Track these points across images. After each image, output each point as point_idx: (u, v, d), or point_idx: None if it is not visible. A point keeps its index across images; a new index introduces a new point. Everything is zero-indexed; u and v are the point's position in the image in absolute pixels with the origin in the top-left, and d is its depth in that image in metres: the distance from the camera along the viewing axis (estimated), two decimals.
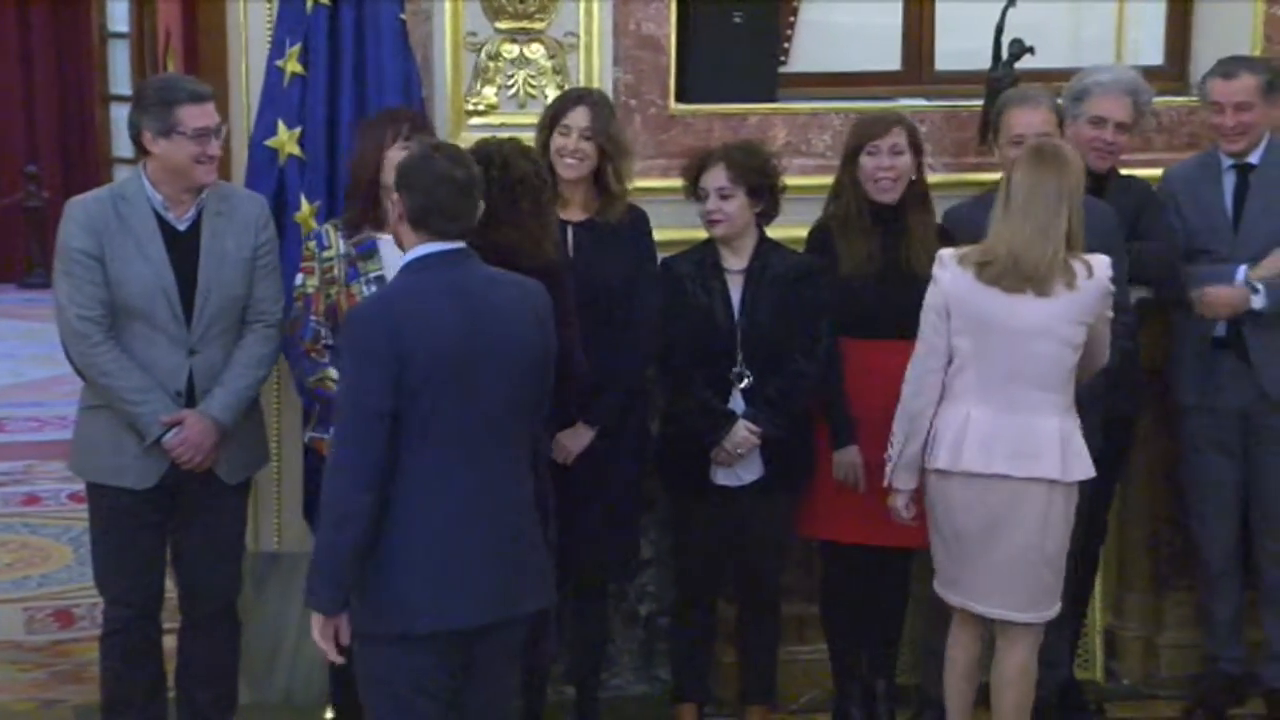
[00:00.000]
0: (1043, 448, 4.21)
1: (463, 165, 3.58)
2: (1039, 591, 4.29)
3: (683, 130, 5.09)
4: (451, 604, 3.47)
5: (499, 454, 3.52)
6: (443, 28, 4.98)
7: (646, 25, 5.07)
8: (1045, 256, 4.14)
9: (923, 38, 5.49)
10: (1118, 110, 4.80)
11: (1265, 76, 4.84)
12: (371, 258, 4.37)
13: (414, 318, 3.45)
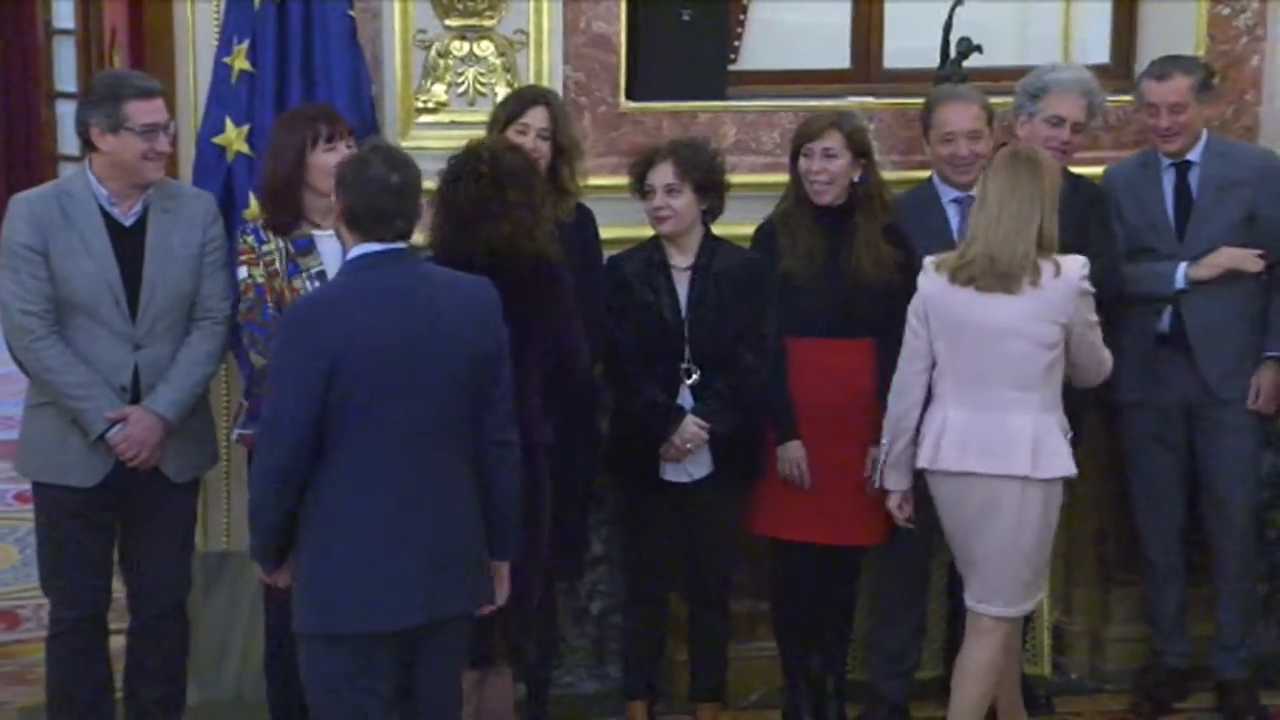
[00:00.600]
0: (1014, 445, 4.25)
1: (398, 168, 3.56)
2: (1015, 587, 4.33)
3: (633, 128, 5.06)
4: (373, 606, 3.45)
5: (433, 455, 3.50)
6: (391, 25, 4.94)
7: (596, 23, 5.04)
8: (1018, 257, 4.20)
9: (871, 36, 5.48)
10: (1075, 111, 4.79)
11: (1198, 76, 4.84)
12: (310, 254, 4.32)
13: (346, 318, 3.44)
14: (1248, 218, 4.85)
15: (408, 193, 3.56)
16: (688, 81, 5.16)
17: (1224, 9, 5.22)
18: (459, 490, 3.58)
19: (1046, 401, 4.28)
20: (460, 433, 3.56)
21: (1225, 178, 4.88)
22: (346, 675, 3.48)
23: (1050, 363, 4.26)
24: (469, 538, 3.60)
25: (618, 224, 4.74)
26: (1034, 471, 4.24)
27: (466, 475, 3.59)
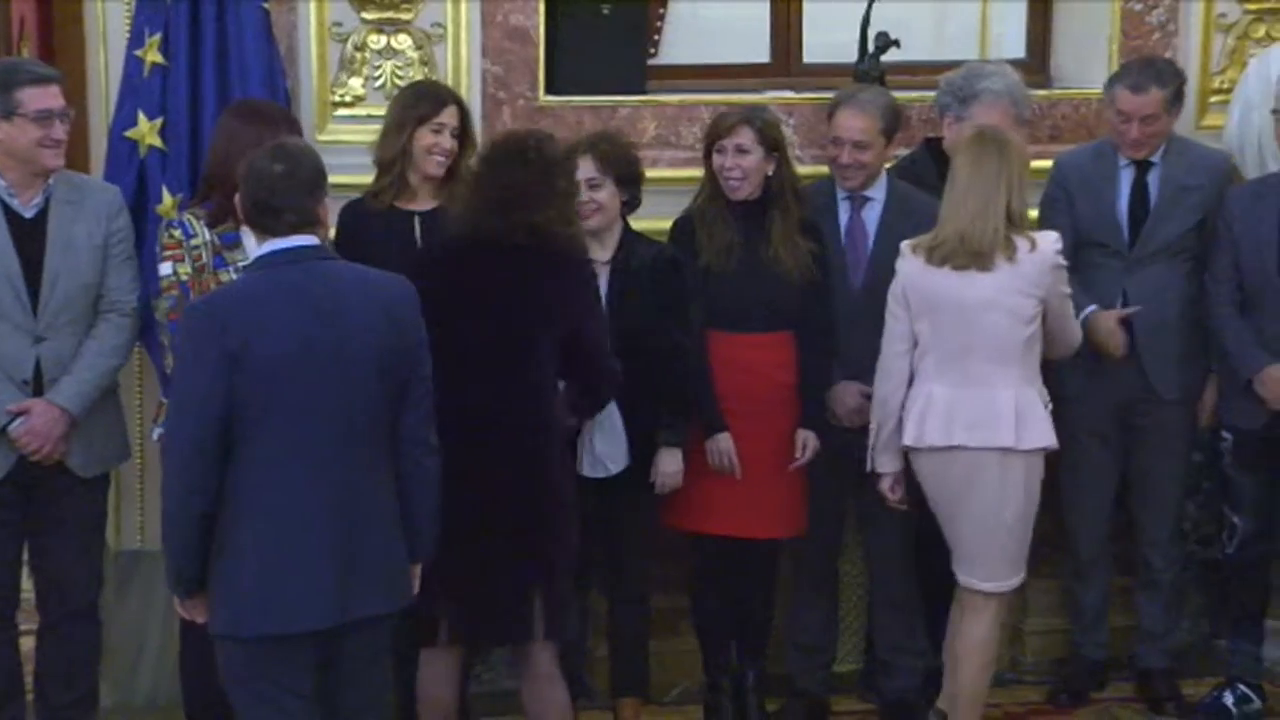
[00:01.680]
0: (998, 418, 4.30)
1: (284, 160, 3.48)
2: (1000, 561, 4.37)
3: (553, 122, 4.97)
4: (283, 608, 3.37)
5: (342, 454, 3.42)
6: (307, 17, 4.88)
7: (515, 17, 4.98)
8: (987, 233, 4.26)
9: (791, 30, 5.44)
10: (1005, 120, 4.72)
11: (1171, 88, 4.78)
12: (236, 248, 4.25)
13: (246, 317, 3.37)
14: (1199, 221, 4.82)
15: (294, 185, 3.45)
16: (607, 75, 5.12)
17: (1136, 5, 5.21)
18: (374, 490, 3.49)
19: (1026, 374, 4.33)
20: (375, 432, 3.48)
21: (1183, 181, 4.85)
22: (263, 675, 3.42)
23: (1029, 336, 4.31)
24: (385, 538, 3.51)
25: None
26: (1018, 443, 4.29)
27: (383, 475, 3.51)
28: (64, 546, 4.27)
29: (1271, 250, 4.65)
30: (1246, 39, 5.29)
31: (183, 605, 3.54)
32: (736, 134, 4.54)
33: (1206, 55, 5.26)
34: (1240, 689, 4.89)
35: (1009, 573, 4.39)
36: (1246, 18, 5.28)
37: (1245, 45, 5.28)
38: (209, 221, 4.28)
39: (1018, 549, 4.38)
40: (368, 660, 3.57)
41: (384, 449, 3.51)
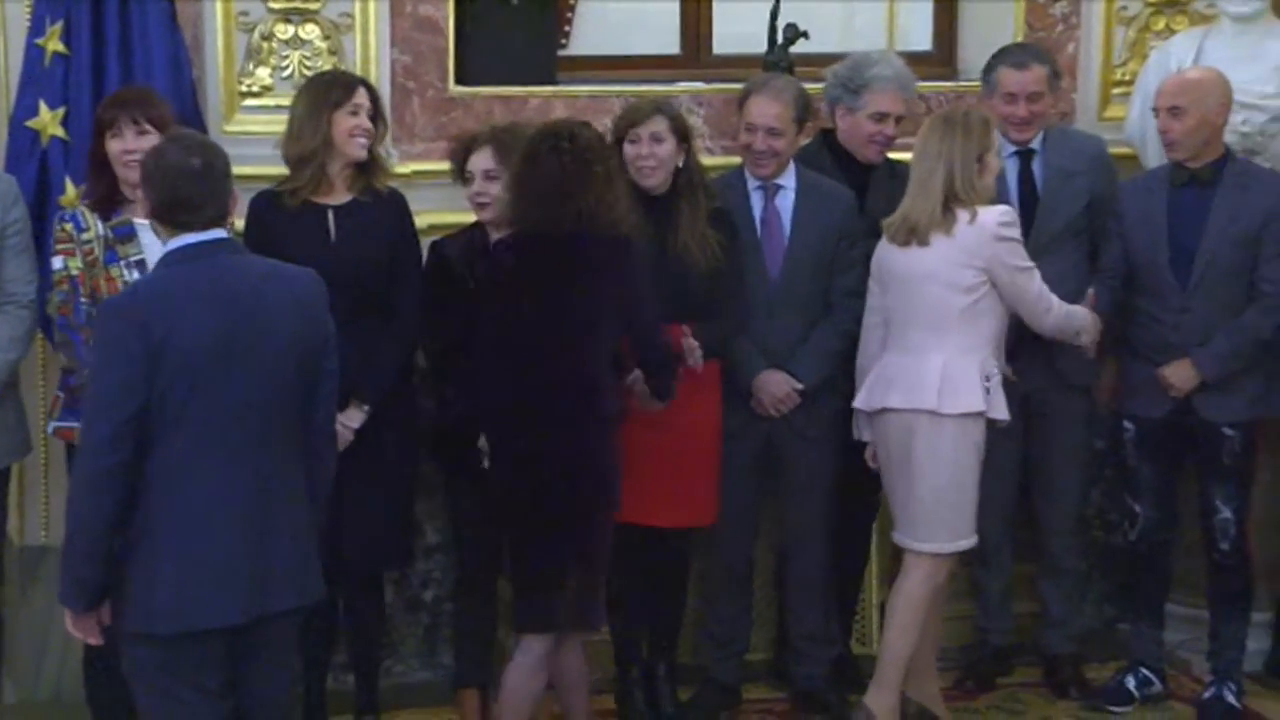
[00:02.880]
0: (924, 382, 4.37)
1: (198, 153, 3.40)
2: (932, 523, 4.41)
3: (463, 113, 4.92)
4: (193, 605, 3.28)
5: (257, 451, 3.34)
6: (213, 7, 4.79)
7: (424, 7, 4.91)
8: (925, 209, 4.35)
9: (700, 22, 5.41)
10: (897, 105, 4.73)
11: (1050, 65, 4.81)
12: (130, 241, 4.15)
13: (164, 312, 3.27)
14: (1086, 205, 4.83)
15: (212, 177, 3.37)
16: (518, 66, 5.05)
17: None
18: (286, 484, 3.41)
19: (962, 344, 4.37)
20: (287, 426, 3.40)
21: (1066, 167, 4.85)
22: (172, 672, 3.33)
23: (965, 306, 4.35)
24: (297, 534, 3.43)
25: (446, 209, 4.63)
26: (939, 406, 4.34)
27: (296, 470, 3.43)
28: None
29: (1161, 243, 4.65)
30: (1147, 32, 5.32)
31: (76, 621, 3.39)
32: (652, 123, 4.48)
33: (1108, 48, 5.28)
34: (1142, 672, 4.90)
35: (943, 535, 4.41)
36: (1147, 11, 5.32)
37: (1146, 38, 5.31)
38: (100, 213, 4.17)
39: (951, 513, 4.40)
40: (277, 654, 3.49)
41: (296, 444, 3.43)
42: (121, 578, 3.32)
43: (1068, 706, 4.90)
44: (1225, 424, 4.65)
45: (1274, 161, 4.87)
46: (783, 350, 4.64)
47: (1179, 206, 4.66)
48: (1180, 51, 4.99)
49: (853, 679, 4.90)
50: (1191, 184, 4.66)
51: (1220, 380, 4.61)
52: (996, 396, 4.39)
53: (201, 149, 3.44)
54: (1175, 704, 4.90)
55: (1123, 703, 4.86)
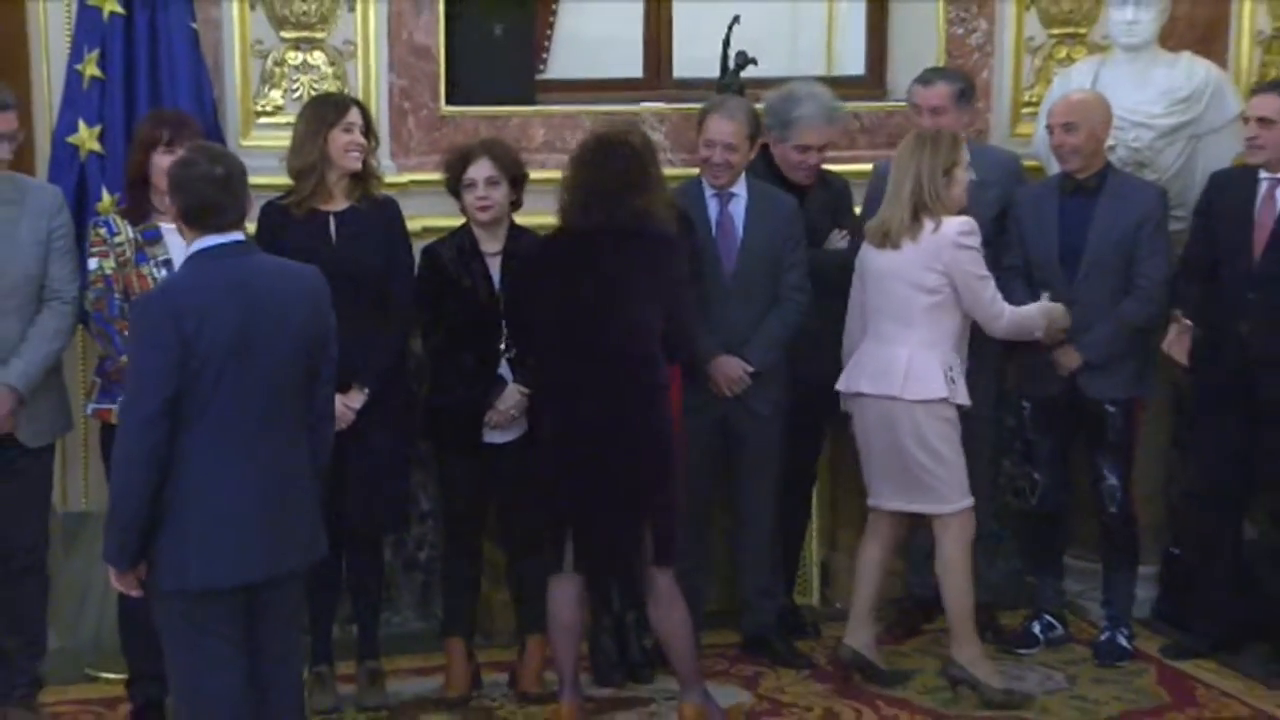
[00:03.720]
0: (891, 371, 4.57)
1: (222, 162, 3.56)
2: (939, 489, 4.63)
3: (453, 129, 5.14)
4: (219, 565, 3.46)
5: (272, 429, 3.51)
6: (231, 36, 4.97)
7: (418, 35, 5.11)
8: (896, 216, 4.55)
9: (662, 49, 5.60)
10: (820, 138, 4.96)
11: (959, 85, 5.04)
12: (157, 243, 4.36)
13: (194, 306, 3.44)
14: (1000, 214, 5.04)
15: (234, 184, 3.54)
16: (501, 88, 5.26)
17: (959, 29, 5.46)
18: (296, 458, 3.58)
19: (925, 338, 4.57)
20: (296, 406, 3.58)
21: (980, 179, 4.98)
22: (195, 623, 3.50)
23: (928, 305, 4.55)
24: (304, 501, 3.62)
25: (439, 214, 4.81)
26: (902, 393, 4.54)
27: (301, 444, 3.61)
28: (13, 508, 4.35)
29: (1053, 243, 4.89)
30: (1051, 59, 5.56)
31: (119, 578, 3.53)
32: None
33: (1018, 73, 5.51)
34: (1046, 619, 5.13)
35: (953, 496, 4.63)
36: (1051, 41, 5.55)
37: (1051, 65, 5.55)
38: (129, 218, 4.38)
39: (951, 476, 4.60)
40: (289, 609, 3.66)
41: (302, 421, 3.60)
42: (157, 541, 3.46)
43: (983, 649, 4.95)
44: (1107, 401, 4.90)
45: (1161, 173, 5.14)
46: (736, 337, 4.80)
47: (1068, 212, 4.89)
48: (1080, 77, 5.22)
49: (796, 625, 5.18)
50: (1078, 192, 4.89)
51: (1102, 362, 4.85)
52: (960, 385, 4.58)
53: (224, 159, 3.57)
54: (1075, 646, 5.11)
55: (1030, 645, 5.08)
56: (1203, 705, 4.76)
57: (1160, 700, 4.79)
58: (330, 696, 4.67)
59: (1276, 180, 4.81)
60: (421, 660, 4.97)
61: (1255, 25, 5.48)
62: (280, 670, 3.63)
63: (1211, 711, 4.72)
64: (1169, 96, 5.20)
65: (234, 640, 3.53)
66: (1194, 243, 4.97)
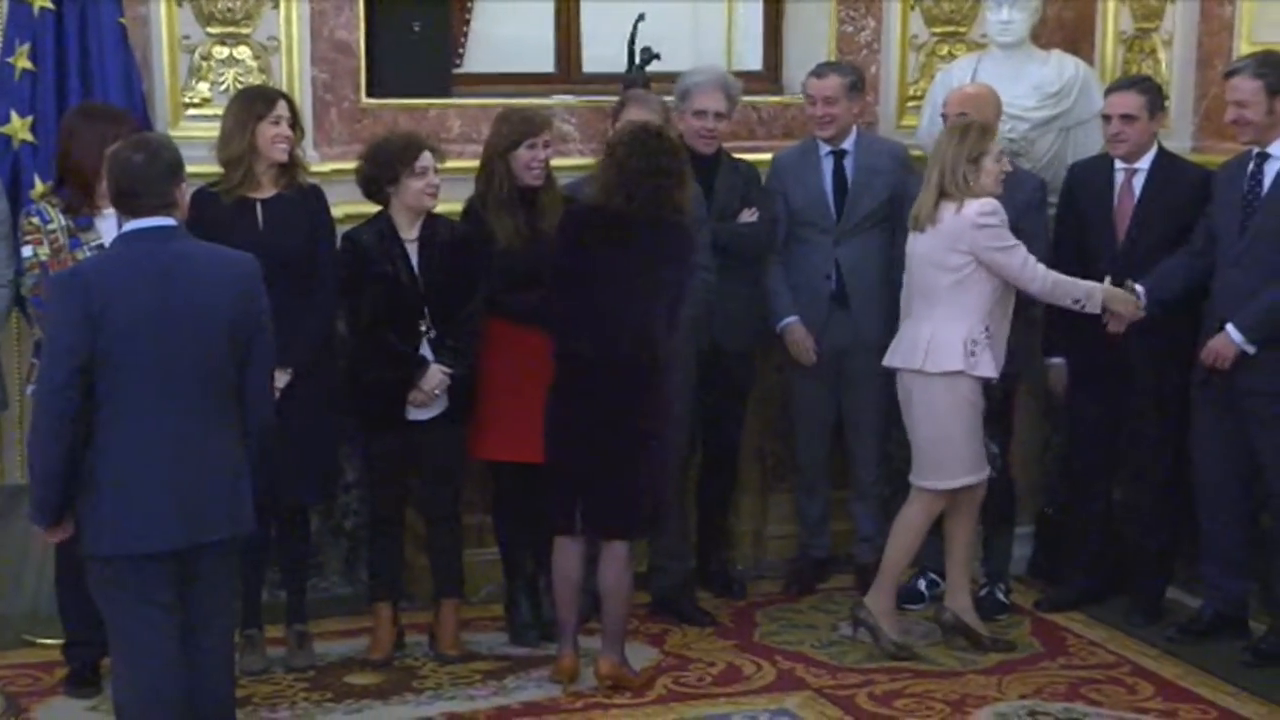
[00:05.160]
0: (916, 346, 4.63)
1: (143, 150, 3.56)
2: (926, 465, 4.67)
3: (373, 121, 5.16)
4: (127, 532, 3.47)
5: (190, 403, 3.49)
6: (159, 31, 4.95)
7: (339, 32, 5.13)
8: (925, 202, 4.60)
9: (571, 45, 5.63)
10: (714, 102, 5.01)
11: (850, 78, 5.12)
12: (90, 230, 4.37)
13: (104, 285, 3.44)
14: (889, 199, 5.13)
15: (153, 173, 3.52)
16: (419, 82, 5.27)
17: (849, 27, 5.54)
18: (217, 435, 3.54)
19: (950, 314, 4.59)
20: (220, 384, 3.55)
21: (872, 166, 5.14)
22: (122, 586, 3.51)
23: (952, 283, 4.58)
24: (229, 473, 3.57)
25: (359, 201, 4.79)
26: (924, 366, 4.59)
27: (226, 422, 3.58)
28: None
29: None
30: (934, 56, 5.64)
31: (47, 533, 3.56)
32: (548, 132, 4.79)
33: (904, 68, 5.59)
34: (931, 576, 5.24)
35: (934, 475, 4.66)
36: (933, 39, 5.64)
37: (934, 61, 5.63)
38: (64, 208, 4.36)
39: (943, 458, 4.62)
40: (219, 576, 3.64)
41: (228, 399, 3.58)
42: (78, 509, 3.48)
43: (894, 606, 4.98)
44: None
45: (1035, 162, 5.24)
46: None
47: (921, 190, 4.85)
48: (960, 72, 5.33)
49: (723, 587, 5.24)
50: None
51: None
52: (983, 358, 4.58)
53: (147, 147, 3.55)
54: None
55: (915, 601, 5.18)
56: (1073, 654, 4.90)
57: (1034, 650, 4.92)
58: (260, 658, 4.70)
59: (1133, 170, 4.95)
60: (348, 623, 5.01)
61: (1119, 25, 5.60)
62: (211, 634, 3.64)
63: (1080, 659, 4.86)
64: (1041, 91, 5.31)
65: (164, 604, 3.53)
66: (1060, 229, 5.09)
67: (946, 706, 4.50)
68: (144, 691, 3.54)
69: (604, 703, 4.52)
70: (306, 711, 4.46)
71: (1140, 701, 4.55)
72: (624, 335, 4.39)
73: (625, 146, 4.44)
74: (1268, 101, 4.64)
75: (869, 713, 4.47)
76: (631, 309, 4.40)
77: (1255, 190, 4.72)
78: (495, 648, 4.90)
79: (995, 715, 4.45)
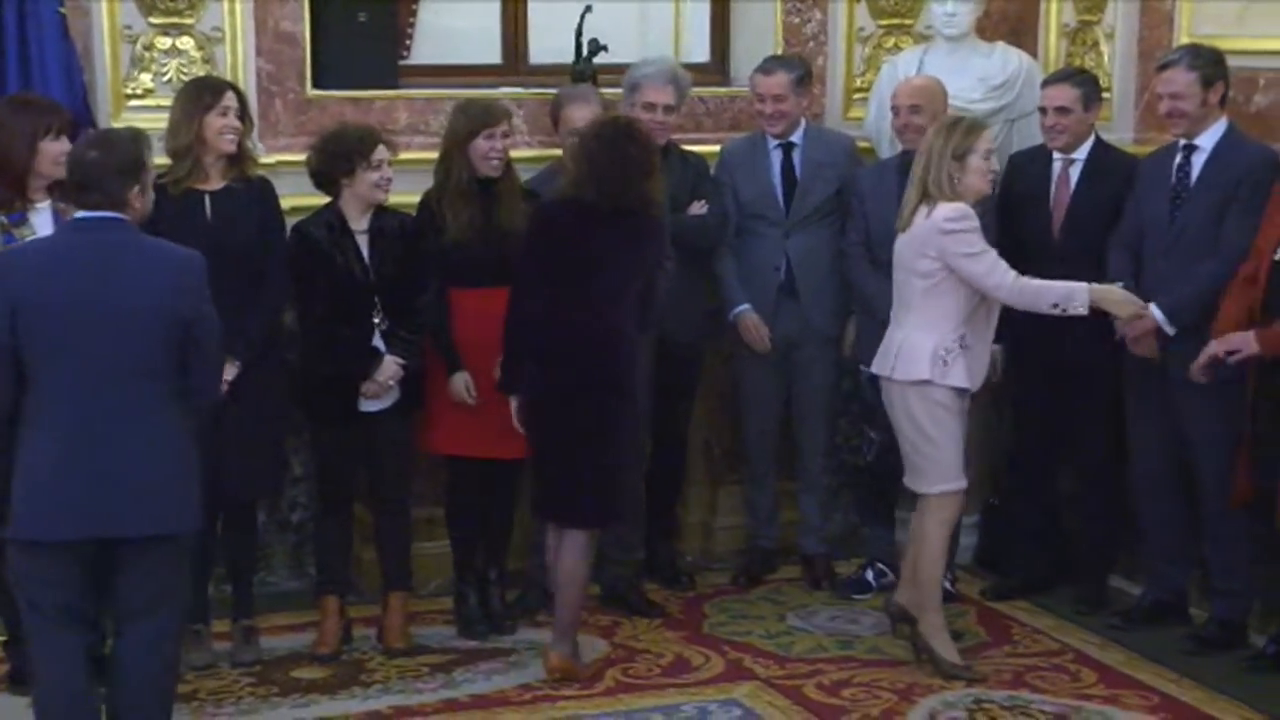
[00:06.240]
0: (888, 352, 4.56)
1: (100, 147, 3.57)
2: (915, 470, 4.57)
3: (319, 113, 5.12)
4: (35, 520, 3.46)
5: (118, 395, 3.46)
6: (100, 21, 4.89)
7: (284, 22, 5.08)
8: (909, 202, 4.50)
9: (519, 37, 5.61)
10: (663, 96, 5.00)
11: (798, 73, 5.11)
12: (23, 225, 4.29)
13: (29, 269, 3.46)
14: (837, 191, 5.14)
15: (103, 170, 3.52)
16: (365, 73, 5.23)
17: (795, 19, 5.54)
18: (147, 428, 3.50)
19: (922, 320, 4.47)
20: (155, 382, 3.51)
21: (820, 159, 5.14)
22: (30, 575, 3.51)
23: (925, 289, 4.46)
24: (155, 470, 3.51)
25: (306, 194, 4.76)
26: (893, 374, 4.51)
27: (159, 416, 3.52)
28: None
29: (892, 217, 4.84)
30: (880, 48, 5.65)
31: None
32: (505, 123, 4.78)
33: (850, 60, 5.60)
34: (878, 566, 5.26)
35: (924, 481, 4.54)
36: (879, 31, 5.65)
37: (880, 53, 5.64)
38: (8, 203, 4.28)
39: (927, 462, 4.50)
40: (142, 576, 3.55)
41: (167, 397, 3.52)
42: (6, 494, 3.48)
43: (821, 596, 5.22)
44: None
45: None
46: None
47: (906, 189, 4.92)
48: (906, 65, 5.34)
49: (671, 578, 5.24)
50: None
51: None
52: (955, 368, 4.43)
53: (104, 144, 3.57)
54: None
55: (863, 591, 5.21)
56: (1017, 642, 4.93)
57: (980, 638, 4.94)
58: (206, 653, 4.66)
59: (1070, 160, 4.98)
60: (295, 617, 4.98)
61: (1061, 19, 5.63)
62: (141, 629, 3.59)
63: (1025, 647, 4.89)
64: (986, 83, 5.33)
65: (66, 593, 3.49)
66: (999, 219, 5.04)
67: (893, 695, 4.51)
68: (41, 702, 3.57)
69: (552, 694, 4.50)
70: (253, 706, 4.42)
71: (1083, 689, 4.57)
72: (592, 327, 4.40)
73: (595, 139, 4.45)
74: (1202, 93, 4.66)
75: (817, 702, 4.48)
76: (600, 301, 4.41)
77: (1184, 182, 4.75)
78: (444, 641, 4.87)
79: (941, 703, 4.46)
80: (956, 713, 4.40)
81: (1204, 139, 4.72)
